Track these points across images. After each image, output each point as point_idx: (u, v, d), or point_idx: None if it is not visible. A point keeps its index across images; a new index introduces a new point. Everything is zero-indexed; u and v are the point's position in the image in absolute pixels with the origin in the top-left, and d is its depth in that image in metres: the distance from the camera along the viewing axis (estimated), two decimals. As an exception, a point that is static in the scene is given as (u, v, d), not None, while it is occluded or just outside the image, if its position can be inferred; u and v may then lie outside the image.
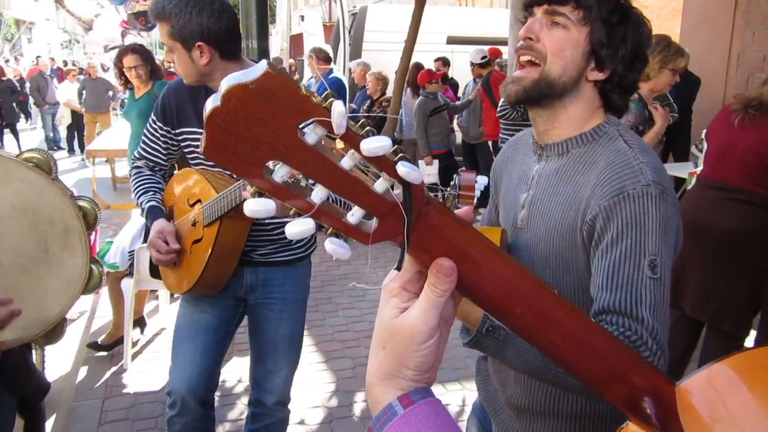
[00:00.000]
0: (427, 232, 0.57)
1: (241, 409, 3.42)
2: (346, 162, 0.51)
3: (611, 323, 1.10)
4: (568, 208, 1.25)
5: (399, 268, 0.60)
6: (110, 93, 11.89)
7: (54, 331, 2.08)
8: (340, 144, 0.51)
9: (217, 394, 3.56)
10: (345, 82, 7.37)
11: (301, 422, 3.29)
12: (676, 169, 6.79)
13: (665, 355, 1.10)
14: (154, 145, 2.29)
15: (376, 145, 0.49)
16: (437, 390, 3.64)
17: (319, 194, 0.52)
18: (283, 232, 2.20)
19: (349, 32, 10.22)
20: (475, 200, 1.34)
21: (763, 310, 3.06)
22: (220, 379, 3.68)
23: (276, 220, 2.19)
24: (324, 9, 18.68)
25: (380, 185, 0.53)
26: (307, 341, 4.24)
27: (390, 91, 7.35)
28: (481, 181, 1.31)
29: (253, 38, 4.56)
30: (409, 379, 0.61)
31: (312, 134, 0.49)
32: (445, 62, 8.19)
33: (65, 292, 1.96)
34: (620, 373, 0.65)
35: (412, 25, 6.20)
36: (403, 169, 0.51)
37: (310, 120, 0.48)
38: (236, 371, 3.80)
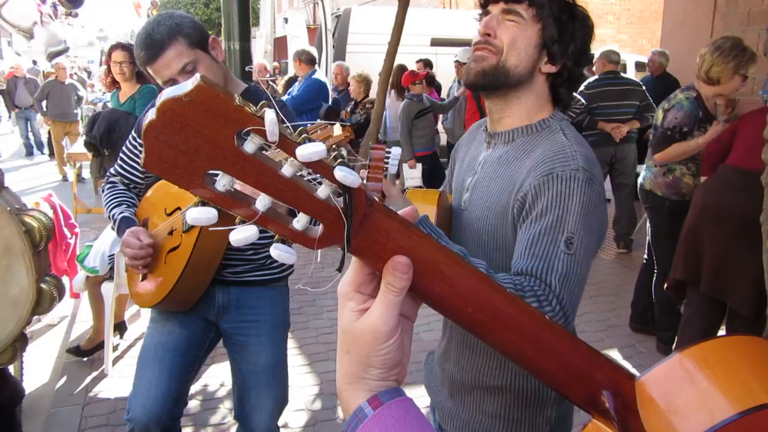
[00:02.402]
0: (373, 234, 0.58)
1: (223, 413, 3.41)
2: (287, 169, 0.52)
3: (521, 282, 1.18)
4: (504, 190, 1.34)
5: (340, 269, 0.61)
6: (75, 98, 10.43)
7: (4, 354, 1.99)
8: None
9: (199, 398, 3.56)
10: (328, 84, 7.37)
11: (285, 425, 3.28)
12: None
13: (567, 321, 1.19)
14: (132, 163, 2.23)
15: (311, 150, 0.50)
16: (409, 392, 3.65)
17: (262, 202, 0.53)
18: (257, 254, 2.13)
19: (333, 34, 10.22)
20: (388, 174, 1.45)
21: None
22: (202, 384, 3.70)
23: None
24: (308, 11, 18.67)
25: (323, 191, 0.54)
26: (291, 344, 4.23)
27: (373, 93, 7.35)
28: (395, 152, 1.40)
29: (235, 40, 4.53)
30: (377, 378, 0.61)
31: (250, 143, 0.50)
32: (426, 64, 8.21)
33: (12, 314, 1.89)
34: (578, 369, 0.65)
35: (396, 27, 6.19)
36: (340, 173, 0.52)
37: (247, 129, 0.49)
38: (218, 375, 3.79)
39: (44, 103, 10.47)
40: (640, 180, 4.21)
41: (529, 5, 1.33)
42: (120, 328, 4.27)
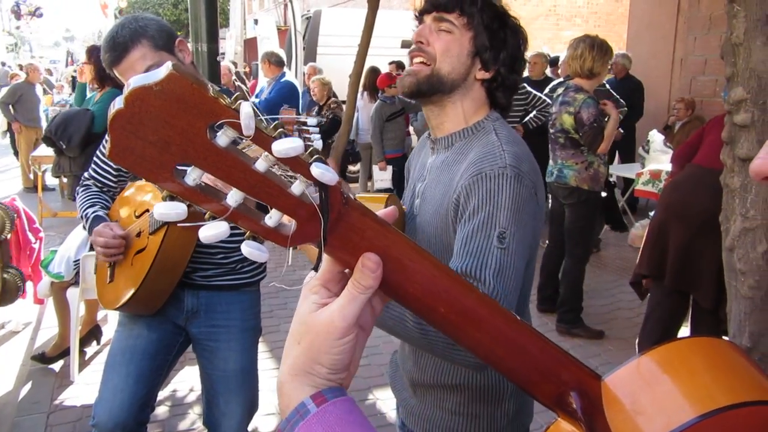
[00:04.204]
0: (348, 233, 0.56)
1: (192, 419, 3.36)
2: (261, 164, 0.50)
3: None
4: (444, 194, 1.38)
5: (316, 269, 0.60)
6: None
7: None
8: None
9: (168, 404, 3.50)
10: (298, 86, 7.33)
11: (255, 430, 3.25)
12: (623, 170, 7.01)
13: None
14: (105, 167, 2.21)
15: (288, 146, 0.49)
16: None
17: (234, 197, 0.51)
18: (227, 258, 2.11)
19: (304, 36, 10.18)
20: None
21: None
22: (171, 389, 3.64)
23: (220, 245, 2.07)
24: (279, 13, 18.58)
25: (297, 187, 0.52)
26: (262, 347, 4.18)
27: (341, 94, 7.34)
28: (311, 122, 1.41)
29: (202, 41, 4.48)
30: (323, 377, 0.60)
31: (223, 136, 0.48)
32: (399, 66, 8.22)
33: None
34: (546, 369, 0.65)
35: (365, 29, 6.19)
36: (317, 170, 0.51)
37: (220, 122, 0.47)
38: (188, 380, 3.73)
39: (10, 107, 9.47)
40: (551, 179, 4.45)
41: (459, 14, 1.39)
42: (95, 333, 4.19)
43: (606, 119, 4.25)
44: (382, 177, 7.16)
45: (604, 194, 4.45)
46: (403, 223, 1.52)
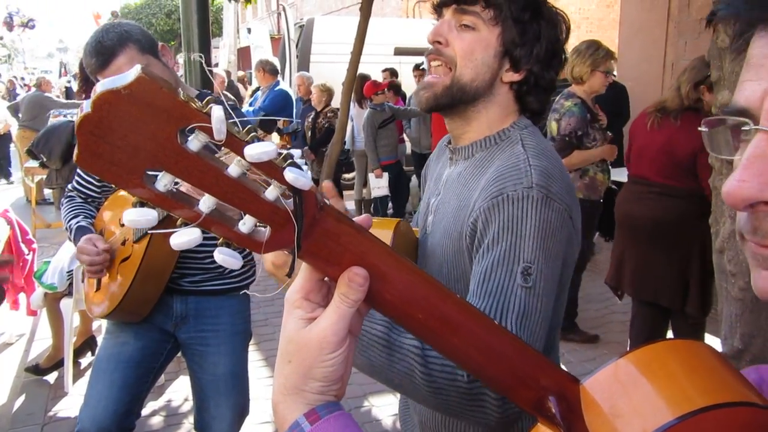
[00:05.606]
0: (323, 239, 0.56)
1: (187, 428, 3.34)
2: (234, 169, 0.49)
3: None
4: (459, 213, 1.20)
5: (290, 275, 0.59)
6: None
7: None
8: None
9: (163, 413, 3.48)
10: (292, 94, 7.34)
11: (250, 439, 3.24)
12: (613, 174, 7.01)
13: None
14: (88, 178, 2.23)
15: (260, 150, 0.48)
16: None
17: (206, 203, 0.50)
18: (215, 262, 2.12)
19: (297, 45, 10.21)
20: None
21: (691, 284, 3.38)
22: (166, 399, 3.63)
23: (207, 249, 2.09)
24: (272, 21, 18.62)
25: (271, 192, 0.51)
26: (257, 356, 4.18)
27: (335, 102, 7.35)
28: (295, 153, 1.31)
29: (195, 51, 4.49)
30: (316, 391, 0.60)
31: (195, 141, 0.48)
32: (392, 73, 8.25)
33: None
34: (525, 374, 0.65)
35: (358, 37, 6.20)
36: (290, 175, 0.50)
37: (191, 126, 0.47)
38: (182, 390, 3.71)
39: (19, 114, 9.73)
40: None
41: (484, 6, 1.17)
42: (90, 344, 4.17)
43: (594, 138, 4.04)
44: (379, 185, 7.17)
45: None
46: (416, 248, 1.38)
